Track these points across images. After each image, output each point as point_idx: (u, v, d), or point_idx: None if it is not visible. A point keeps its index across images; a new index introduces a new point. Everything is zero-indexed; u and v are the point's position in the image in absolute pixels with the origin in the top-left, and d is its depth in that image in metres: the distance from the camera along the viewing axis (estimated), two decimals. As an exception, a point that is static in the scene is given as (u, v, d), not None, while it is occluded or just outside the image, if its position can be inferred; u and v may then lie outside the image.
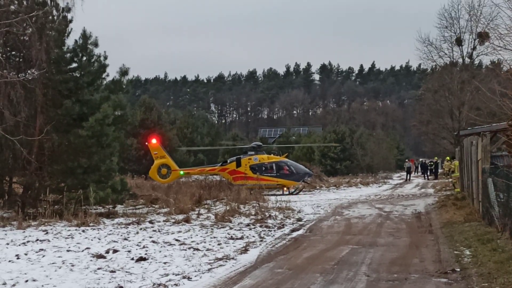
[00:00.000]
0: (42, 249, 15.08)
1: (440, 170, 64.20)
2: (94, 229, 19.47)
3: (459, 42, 43.48)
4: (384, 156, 77.96)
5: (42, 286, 10.99)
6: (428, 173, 63.89)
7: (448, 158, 58.62)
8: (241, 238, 17.46)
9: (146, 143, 43.25)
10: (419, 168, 74.73)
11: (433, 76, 48.00)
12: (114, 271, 12.29)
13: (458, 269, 12.04)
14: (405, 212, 25.49)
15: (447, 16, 43.56)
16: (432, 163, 64.00)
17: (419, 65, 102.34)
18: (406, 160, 71.72)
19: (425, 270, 12.27)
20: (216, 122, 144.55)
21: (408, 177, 62.26)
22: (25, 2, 21.96)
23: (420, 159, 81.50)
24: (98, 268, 12.60)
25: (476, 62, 46.59)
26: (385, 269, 12.38)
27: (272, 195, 34.93)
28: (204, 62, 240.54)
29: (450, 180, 47.08)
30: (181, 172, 41.63)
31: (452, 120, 43.30)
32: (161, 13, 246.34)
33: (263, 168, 40.56)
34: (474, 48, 43.37)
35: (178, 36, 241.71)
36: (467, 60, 44.25)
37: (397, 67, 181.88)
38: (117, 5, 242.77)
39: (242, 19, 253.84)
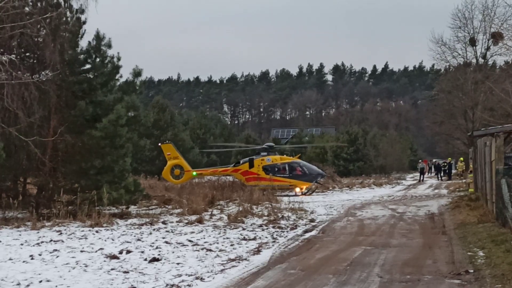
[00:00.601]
0: (56, 250, 15.16)
1: (453, 171, 63.94)
2: (107, 229, 19.55)
3: (472, 42, 43.30)
4: (397, 156, 77.71)
5: (56, 286, 11.05)
6: (442, 174, 63.65)
7: (461, 159, 58.47)
8: (254, 239, 17.48)
9: (159, 144, 43.42)
10: (433, 168, 74.45)
11: (447, 76, 47.83)
12: (128, 272, 12.33)
13: (472, 271, 12.00)
14: (418, 213, 25.41)
15: (460, 16, 43.39)
16: (445, 164, 63.76)
17: (433, 65, 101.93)
18: (420, 160, 71.48)
19: (438, 271, 12.23)
20: (229, 122, 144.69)
21: (421, 178, 62.01)
22: (39, 4, 22.09)
23: (434, 160, 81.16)
24: (112, 269, 12.65)
25: (490, 62, 46.40)
26: (398, 270, 12.36)
27: (285, 196, 34.91)
28: (216, 62, 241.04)
29: (464, 180, 46.90)
30: (194, 173, 41.68)
31: (466, 120, 43.13)
32: (173, 13, 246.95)
33: (276, 169, 40.55)
34: (487, 49, 43.18)
35: (191, 37, 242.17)
36: (481, 60, 44.07)
37: (411, 68, 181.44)
38: (130, 5, 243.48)
39: (254, 20, 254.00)
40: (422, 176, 62.69)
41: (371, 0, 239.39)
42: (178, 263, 13.37)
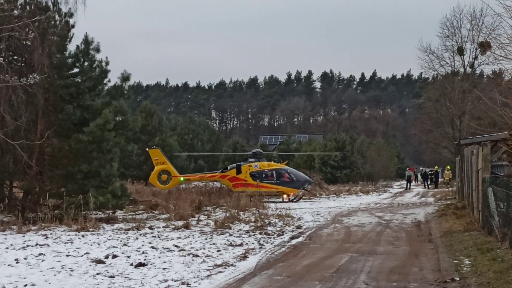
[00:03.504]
0: (41, 254, 15.10)
1: (440, 179, 64.17)
2: (93, 234, 19.48)
3: (460, 51, 43.61)
4: (385, 164, 77.95)
5: (41, 290, 11.00)
6: (428, 182, 63.89)
7: (448, 167, 58.69)
8: (241, 245, 17.46)
9: (147, 149, 43.32)
10: (419, 176, 74.69)
11: (434, 85, 48.13)
12: (113, 277, 12.29)
13: (458, 279, 12.02)
14: (405, 221, 25.46)
15: (448, 25, 43.77)
16: (432, 172, 64.01)
17: (421, 74, 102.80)
18: (407, 168, 71.68)
19: (424, 279, 12.25)
20: (217, 128, 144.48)
21: (408, 186, 62.24)
22: (27, 7, 22.01)
23: (421, 168, 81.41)
24: (97, 273, 12.60)
25: (478, 71, 46.76)
26: (384, 278, 12.37)
27: (272, 202, 34.90)
28: (205, 68, 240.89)
29: (451, 189, 47.08)
30: (181, 178, 41.61)
31: (453, 129, 43.38)
32: (163, 18, 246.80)
33: (263, 175, 40.55)
34: (475, 58, 43.53)
35: (180, 43, 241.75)
36: (469, 69, 44.39)
37: (399, 76, 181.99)
38: (119, 10, 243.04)
39: (243, 26, 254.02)
40: (409, 184, 62.92)
41: (360, 9, 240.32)
42: (164, 268, 13.33)
